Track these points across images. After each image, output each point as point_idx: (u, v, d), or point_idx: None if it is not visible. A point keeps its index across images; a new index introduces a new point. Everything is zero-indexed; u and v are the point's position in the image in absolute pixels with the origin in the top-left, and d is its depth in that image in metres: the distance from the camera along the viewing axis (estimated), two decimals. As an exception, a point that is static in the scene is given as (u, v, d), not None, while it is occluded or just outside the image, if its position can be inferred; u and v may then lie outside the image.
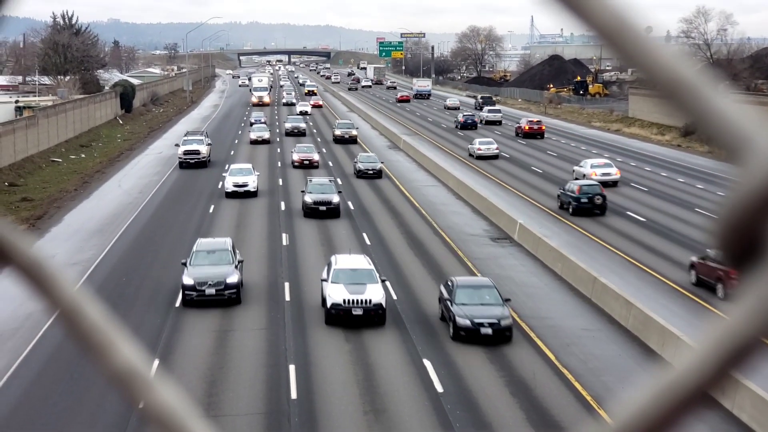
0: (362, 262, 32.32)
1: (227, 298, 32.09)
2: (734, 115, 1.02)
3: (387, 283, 32.37)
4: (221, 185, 56.22)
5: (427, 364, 26.74)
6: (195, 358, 27.32)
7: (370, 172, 61.98)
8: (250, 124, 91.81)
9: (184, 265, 33.29)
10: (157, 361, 26.36)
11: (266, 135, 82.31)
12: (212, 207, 51.45)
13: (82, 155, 76.07)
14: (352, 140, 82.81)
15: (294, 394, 24.38)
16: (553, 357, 27.53)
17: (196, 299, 31.87)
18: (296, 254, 40.46)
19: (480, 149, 73.56)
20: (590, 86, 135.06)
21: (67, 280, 1.34)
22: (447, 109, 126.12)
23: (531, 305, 32.76)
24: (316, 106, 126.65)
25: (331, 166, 68.08)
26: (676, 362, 1.02)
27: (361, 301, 29.74)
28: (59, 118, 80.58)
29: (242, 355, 27.67)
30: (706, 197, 53.56)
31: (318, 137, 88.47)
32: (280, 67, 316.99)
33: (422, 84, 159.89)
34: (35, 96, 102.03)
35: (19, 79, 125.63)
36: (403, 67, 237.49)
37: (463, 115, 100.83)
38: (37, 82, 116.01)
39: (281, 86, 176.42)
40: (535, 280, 36.51)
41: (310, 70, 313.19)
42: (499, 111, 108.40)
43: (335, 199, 48.07)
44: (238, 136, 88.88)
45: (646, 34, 1.03)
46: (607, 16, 1.04)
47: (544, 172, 65.38)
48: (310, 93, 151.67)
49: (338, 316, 29.85)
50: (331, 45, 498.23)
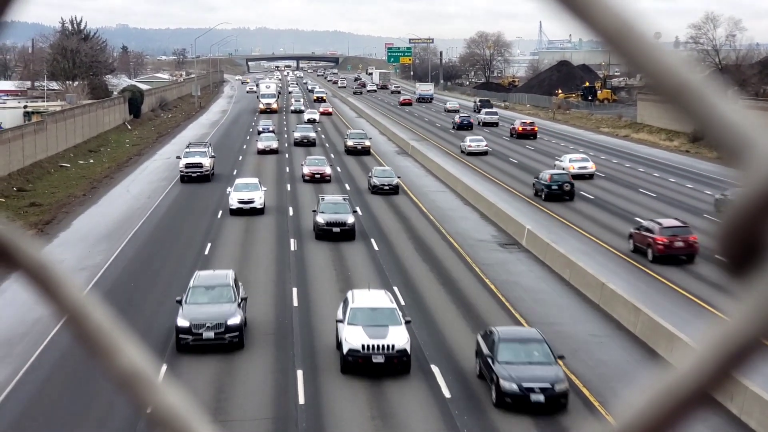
0: (383, 300, 28.40)
1: (228, 343, 28.03)
2: (736, 120, 1.02)
3: (411, 325, 28.45)
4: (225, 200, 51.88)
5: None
6: (202, 365, 27.36)
7: (386, 187, 57.15)
8: (258, 133, 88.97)
9: (179, 303, 29.18)
10: (165, 366, 26.45)
11: (274, 145, 78.92)
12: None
13: (91, 160, 76.23)
14: (365, 151, 78.53)
15: None
16: (560, 363, 27.48)
17: (192, 344, 27.83)
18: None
19: (470, 146, 79.43)
20: (599, 92, 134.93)
21: (74, 284, 1.35)
22: (447, 112, 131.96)
23: (539, 311, 32.86)
24: (326, 114, 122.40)
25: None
26: (677, 363, 1.03)
27: (383, 347, 25.99)
28: (68, 124, 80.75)
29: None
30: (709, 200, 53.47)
31: (328, 145, 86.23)
32: (288, 73, 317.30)
33: (425, 88, 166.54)
34: (44, 101, 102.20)
35: (28, 84, 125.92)
36: (412, 73, 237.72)
37: (460, 117, 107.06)
38: (46, 88, 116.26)
39: (290, 92, 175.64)
40: (544, 285, 36.53)
41: (318, 75, 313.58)
42: (495, 113, 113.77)
43: (350, 220, 43.74)
44: (246, 144, 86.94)
45: (651, 38, 1.04)
46: (612, 21, 1.04)
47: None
48: (320, 99, 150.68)
49: (356, 364, 26.01)
50: (339, 51, 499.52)
